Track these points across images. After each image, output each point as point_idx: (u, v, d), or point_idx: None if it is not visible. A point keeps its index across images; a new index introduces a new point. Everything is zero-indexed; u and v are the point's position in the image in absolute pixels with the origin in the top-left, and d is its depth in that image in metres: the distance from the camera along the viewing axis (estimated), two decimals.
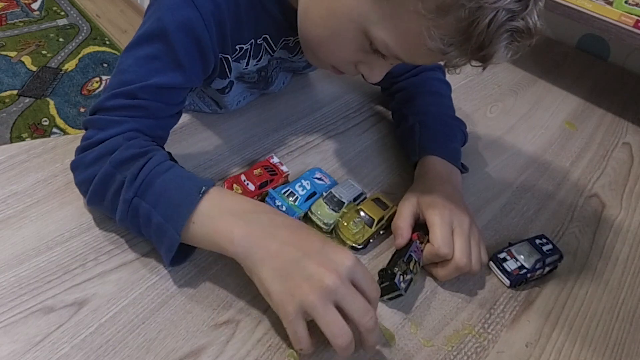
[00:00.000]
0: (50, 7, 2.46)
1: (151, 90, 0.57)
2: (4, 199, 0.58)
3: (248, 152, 0.72)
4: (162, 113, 0.59)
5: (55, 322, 0.49)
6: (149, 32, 0.57)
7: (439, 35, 0.50)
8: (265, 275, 0.48)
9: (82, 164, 0.56)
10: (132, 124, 0.56)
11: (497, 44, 0.50)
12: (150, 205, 0.51)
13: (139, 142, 0.55)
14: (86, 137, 0.57)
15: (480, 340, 0.57)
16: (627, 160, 0.91)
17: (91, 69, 2.12)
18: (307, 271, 0.47)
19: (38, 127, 1.83)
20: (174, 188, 0.52)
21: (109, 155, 0.54)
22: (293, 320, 0.47)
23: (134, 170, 0.52)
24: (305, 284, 0.47)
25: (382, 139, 0.81)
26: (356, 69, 0.61)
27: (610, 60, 1.22)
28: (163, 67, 0.57)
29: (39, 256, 0.54)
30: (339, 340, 0.46)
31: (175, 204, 0.51)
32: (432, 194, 0.64)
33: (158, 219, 0.51)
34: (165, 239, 0.51)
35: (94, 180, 0.54)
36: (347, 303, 0.47)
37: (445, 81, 0.83)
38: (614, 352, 0.59)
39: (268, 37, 0.66)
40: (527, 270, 0.62)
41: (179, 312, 0.52)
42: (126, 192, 0.52)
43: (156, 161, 0.53)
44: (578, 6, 0.94)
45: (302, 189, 0.64)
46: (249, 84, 0.74)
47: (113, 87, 0.57)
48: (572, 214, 0.76)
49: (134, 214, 0.52)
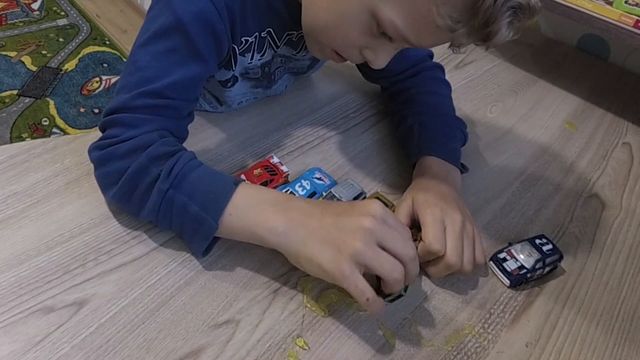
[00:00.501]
0: (50, 7, 2.46)
1: (177, 86, 0.57)
2: (4, 199, 0.58)
3: (248, 152, 0.72)
4: (185, 111, 0.60)
5: (55, 322, 0.49)
6: (165, 27, 0.57)
7: (447, 12, 0.51)
8: (312, 250, 0.51)
9: (113, 156, 0.55)
10: (162, 123, 0.57)
11: (501, 20, 0.51)
12: (186, 196, 0.53)
13: (172, 141, 0.57)
14: (111, 135, 0.57)
15: (480, 340, 0.57)
16: (627, 160, 0.91)
17: (91, 69, 2.12)
18: (346, 226, 0.51)
19: (38, 127, 1.83)
20: (208, 181, 0.55)
21: (143, 149, 0.54)
22: (350, 276, 0.49)
23: (170, 164, 0.54)
24: (348, 237, 0.50)
25: (382, 139, 0.81)
26: (360, 55, 0.61)
27: (610, 60, 1.22)
28: (183, 59, 0.58)
29: (39, 256, 0.54)
30: (395, 274, 0.50)
31: (212, 194, 0.53)
32: (426, 193, 0.64)
33: (195, 209, 0.53)
34: (203, 227, 0.53)
35: (127, 172, 0.54)
36: (388, 240, 0.51)
37: (445, 81, 0.83)
38: (614, 352, 0.59)
39: (272, 30, 0.66)
40: (527, 270, 0.62)
41: (179, 312, 0.52)
42: (162, 183, 0.53)
43: (187, 158, 0.55)
44: (578, 6, 0.94)
45: (302, 189, 0.64)
46: (253, 82, 0.74)
47: (135, 85, 0.57)
48: (572, 214, 0.76)
49: (168, 205, 0.53)
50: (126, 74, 0.59)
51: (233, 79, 0.70)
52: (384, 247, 0.50)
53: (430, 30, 0.54)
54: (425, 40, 0.57)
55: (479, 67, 1.06)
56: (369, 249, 0.50)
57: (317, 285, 0.58)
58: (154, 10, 0.59)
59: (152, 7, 0.60)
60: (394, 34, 0.55)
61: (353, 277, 0.49)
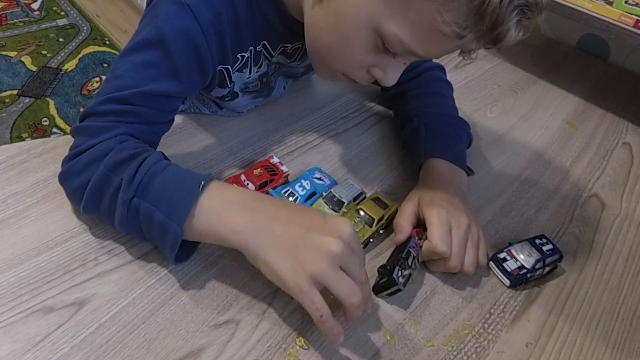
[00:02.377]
0: (50, 7, 2.46)
1: (145, 96, 0.56)
2: (4, 199, 0.58)
3: (248, 152, 0.72)
4: (154, 119, 0.59)
5: (55, 322, 0.49)
6: (147, 39, 0.56)
7: (452, 19, 0.49)
8: (273, 258, 0.49)
9: (72, 172, 0.54)
10: (124, 129, 0.56)
11: (509, 21, 0.50)
12: (151, 204, 0.51)
13: (131, 144, 0.55)
14: (74, 145, 0.56)
15: (480, 340, 0.57)
16: (627, 160, 0.91)
17: (91, 69, 2.12)
18: (314, 243, 0.49)
19: (38, 127, 1.83)
20: (173, 185, 0.52)
21: (101, 159, 0.53)
22: (308, 292, 0.48)
23: (131, 171, 0.51)
24: (314, 255, 0.48)
25: (382, 139, 0.81)
26: (369, 74, 0.61)
27: (610, 60, 1.22)
28: (160, 74, 0.57)
29: (39, 256, 0.54)
30: (354, 298, 0.49)
31: (176, 199, 0.51)
32: (433, 194, 0.64)
33: (160, 217, 0.51)
34: (169, 235, 0.51)
35: (88, 185, 0.53)
36: (350, 265, 0.50)
37: (447, 81, 0.83)
38: (614, 352, 0.59)
39: (266, 43, 0.66)
40: (527, 270, 0.62)
41: (179, 312, 0.52)
42: (124, 194, 0.51)
43: (152, 161, 0.53)
44: (578, 6, 0.94)
45: (302, 189, 0.64)
46: (253, 94, 0.74)
47: (107, 92, 0.56)
48: (572, 214, 0.76)
49: (134, 214, 0.52)
50: (105, 81, 0.58)
51: (232, 94, 0.70)
52: (344, 270, 0.49)
53: (436, 40, 0.53)
54: (433, 50, 0.56)
55: (479, 67, 1.06)
56: (332, 271, 0.48)
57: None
58: (143, 21, 0.59)
59: (143, 17, 0.59)
60: (401, 49, 0.55)
61: (310, 292, 0.48)
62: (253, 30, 0.63)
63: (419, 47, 0.54)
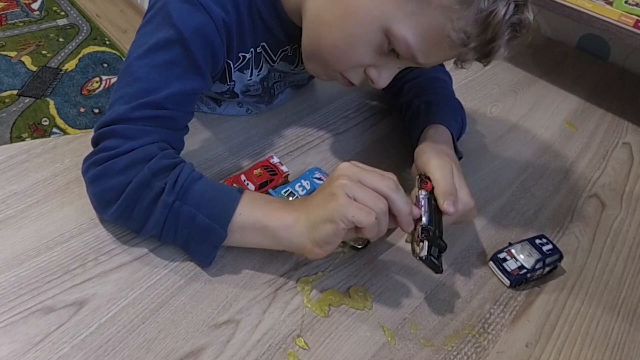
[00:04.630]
0: (50, 7, 2.46)
1: (176, 98, 0.57)
2: (4, 199, 0.58)
3: (248, 152, 0.72)
4: (182, 123, 0.60)
5: (55, 322, 0.49)
6: (164, 39, 0.56)
7: (461, 27, 0.53)
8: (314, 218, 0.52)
9: (110, 171, 0.54)
10: (161, 135, 0.57)
11: (504, 37, 0.54)
12: (193, 207, 0.53)
13: (171, 153, 0.57)
14: (108, 146, 0.55)
15: (480, 340, 0.57)
16: (627, 160, 0.91)
17: (91, 69, 2.12)
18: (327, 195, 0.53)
19: (38, 127, 1.83)
20: (213, 191, 0.55)
21: (144, 162, 0.53)
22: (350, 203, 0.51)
23: (173, 177, 0.53)
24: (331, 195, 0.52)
25: (382, 139, 0.81)
26: (364, 74, 0.62)
27: (610, 60, 1.22)
28: (183, 72, 0.57)
29: (39, 256, 0.54)
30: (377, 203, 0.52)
31: (219, 202, 0.54)
32: (426, 154, 0.64)
33: (202, 219, 0.53)
34: (211, 237, 0.53)
35: (129, 187, 0.53)
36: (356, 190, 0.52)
37: (446, 71, 0.83)
38: (614, 352, 0.59)
39: (266, 45, 0.67)
40: (527, 270, 0.62)
41: (179, 312, 0.52)
42: (167, 196, 0.52)
43: (189, 169, 0.55)
44: (578, 6, 0.94)
45: (302, 189, 0.64)
46: (255, 98, 0.75)
47: (133, 96, 0.56)
48: (572, 214, 0.76)
49: (174, 218, 0.53)
50: (122, 86, 0.57)
51: (232, 93, 0.71)
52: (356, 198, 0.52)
53: (440, 47, 0.55)
54: (433, 57, 0.58)
55: (479, 67, 1.05)
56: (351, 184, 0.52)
57: (317, 285, 0.58)
58: (152, 24, 0.58)
59: (150, 21, 0.59)
60: (405, 52, 0.56)
61: (350, 203, 0.51)
62: (253, 32, 0.64)
63: (422, 53, 0.56)
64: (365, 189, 0.52)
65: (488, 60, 0.58)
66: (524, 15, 0.55)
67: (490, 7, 0.52)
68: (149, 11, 0.60)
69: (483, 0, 0.52)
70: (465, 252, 0.66)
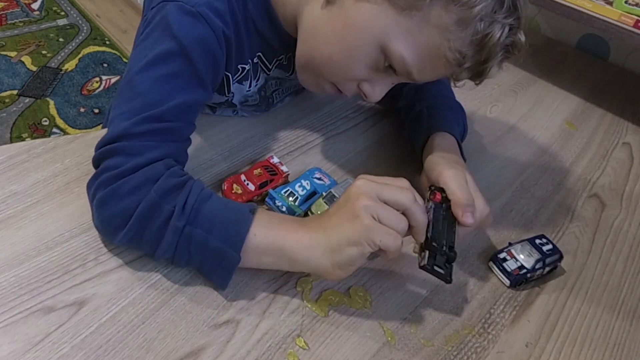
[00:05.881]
0: (50, 7, 2.46)
1: (179, 110, 0.56)
2: (4, 199, 0.58)
3: (248, 152, 0.72)
4: (186, 134, 0.59)
5: (55, 322, 0.49)
6: (166, 51, 0.55)
7: (457, 47, 0.53)
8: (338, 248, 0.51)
9: (117, 193, 0.51)
10: (165, 149, 0.55)
11: (497, 58, 0.56)
12: (205, 231, 0.51)
13: (178, 171, 0.55)
14: (112, 165, 0.53)
15: (480, 340, 0.57)
16: (627, 160, 0.91)
17: (91, 69, 2.12)
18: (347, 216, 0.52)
19: (38, 127, 1.83)
20: (224, 211, 0.53)
21: (151, 183, 0.51)
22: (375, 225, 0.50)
23: (182, 199, 0.51)
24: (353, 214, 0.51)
25: (382, 138, 0.81)
26: (357, 88, 0.62)
27: (610, 60, 1.22)
28: (185, 84, 0.56)
29: (39, 256, 0.54)
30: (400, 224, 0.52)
31: (231, 225, 0.52)
32: (439, 165, 0.64)
33: (215, 243, 0.51)
34: (225, 261, 0.52)
35: (137, 211, 0.51)
36: (379, 210, 0.51)
37: None
38: (614, 352, 0.59)
39: (261, 55, 0.67)
40: (527, 270, 0.62)
41: (179, 312, 0.52)
42: (177, 221, 0.50)
43: (198, 188, 0.53)
44: (578, 6, 0.94)
45: (302, 189, 0.64)
46: (253, 107, 0.75)
47: (136, 111, 0.54)
48: (572, 214, 0.76)
49: (185, 243, 0.51)
50: (124, 101, 0.56)
51: (229, 104, 0.72)
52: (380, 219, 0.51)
53: (436, 65, 0.56)
54: (427, 75, 0.59)
55: None
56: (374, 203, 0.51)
57: (317, 285, 0.58)
58: (152, 38, 0.57)
59: (149, 35, 0.58)
60: (401, 69, 0.57)
61: (376, 225, 0.50)
62: (249, 42, 0.64)
63: (418, 70, 0.57)
64: (387, 208, 0.51)
65: (480, 79, 0.60)
66: (517, 37, 0.56)
67: (486, 29, 0.53)
68: (146, 26, 0.59)
69: (479, 23, 0.52)
70: (465, 252, 0.66)
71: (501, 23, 0.53)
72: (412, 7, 0.53)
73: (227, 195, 0.63)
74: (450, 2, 0.52)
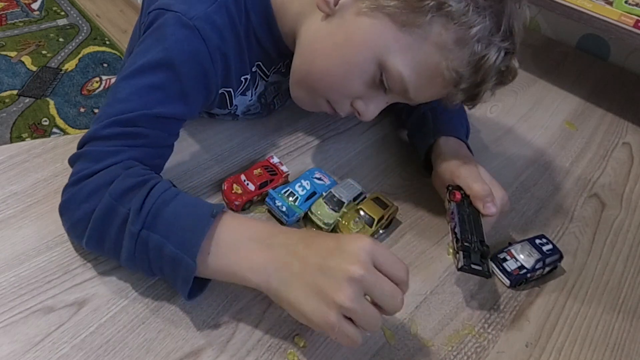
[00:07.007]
0: (50, 7, 2.46)
1: (152, 119, 0.54)
2: (4, 199, 0.58)
3: (248, 152, 0.72)
4: (161, 142, 0.56)
5: (55, 322, 0.49)
6: (154, 62, 0.55)
7: (454, 67, 0.54)
8: (296, 297, 0.46)
9: (74, 201, 0.50)
10: (130, 153, 0.53)
11: (490, 82, 0.57)
12: (161, 236, 0.48)
13: (137, 171, 0.52)
14: (76, 171, 0.52)
15: (480, 340, 0.57)
16: (627, 160, 0.91)
17: (91, 69, 2.12)
18: (332, 274, 0.45)
19: (38, 127, 1.83)
20: (184, 215, 0.49)
21: (106, 186, 0.49)
22: (341, 327, 0.45)
23: (138, 201, 0.48)
24: (334, 287, 0.45)
25: (382, 139, 0.81)
26: (351, 107, 0.62)
27: (610, 60, 1.22)
28: (166, 97, 0.55)
29: (39, 256, 0.54)
30: (373, 328, 0.46)
31: (188, 230, 0.48)
32: (450, 166, 0.66)
33: (170, 249, 0.47)
34: (181, 269, 0.48)
35: (93, 216, 0.49)
36: (376, 290, 0.46)
37: None
38: (614, 352, 0.59)
39: (261, 64, 0.67)
40: (527, 270, 0.62)
41: (179, 312, 0.52)
42: (132, 225, 0.48)
43: (160, 189, 0.50)
44: (578, 6, 0.94)
45: (302, 189, 0.64)
46: (255, 115, 0.75)
47: (110, 115, 0.53)
48: (572, 214, 0.76)
49: (142, 248, 0.48)
50: (104, 106, 0.55)
51: (232, 115, 0.72)
52: (372, 292, 0.46)
53: (432, 84, 0.57)
54: (423, 94, 0.59)
55: None
56: (358, 304, 0.45)
57: None
58: (145, 44, 0.56)
59: (143, 41, 0.57)
60: (397, 86, 0.57)
61: (343, 328, 0.45)
62: (250, 52, 0.64)
63: (414, 88, 0.57)
64: (368, 306, 0.46)
65: (474, 103, 0.60)
66: (511, 63, 0.57)
67: (483, 51, 0.54)
68: (144, 31, 0.58)
69: (477, 44, 0.53)
70: None
71: (497, 46, 0.55)
72: (413, 24, 0.53)
73: (227, 195, 0.63)
74: (449, 20, 0.52)
